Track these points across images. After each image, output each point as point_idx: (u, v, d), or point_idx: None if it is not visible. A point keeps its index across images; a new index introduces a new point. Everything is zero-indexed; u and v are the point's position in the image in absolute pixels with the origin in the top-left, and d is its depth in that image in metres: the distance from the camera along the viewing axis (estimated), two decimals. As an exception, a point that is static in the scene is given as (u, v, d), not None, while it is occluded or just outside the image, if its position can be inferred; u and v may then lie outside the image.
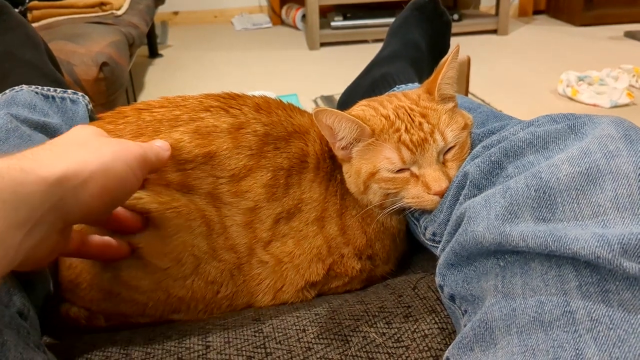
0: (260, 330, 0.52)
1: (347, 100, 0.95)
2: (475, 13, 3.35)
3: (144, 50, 2.84)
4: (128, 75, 1.72)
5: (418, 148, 0.54)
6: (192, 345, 0.50)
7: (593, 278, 0.36)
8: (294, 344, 0.50)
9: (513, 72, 2.46)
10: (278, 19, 3.59)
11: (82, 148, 0.42)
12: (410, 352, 0.48)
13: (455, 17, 3.05)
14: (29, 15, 1.82)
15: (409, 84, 0.85)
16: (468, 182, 0.51)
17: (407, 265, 0.67)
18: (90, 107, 0.90)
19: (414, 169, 0.55)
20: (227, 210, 0.56)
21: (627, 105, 1.97)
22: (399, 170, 0.55)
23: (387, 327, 0.51)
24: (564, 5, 3.36)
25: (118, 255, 0.52)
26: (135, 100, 2.03)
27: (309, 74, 2.55)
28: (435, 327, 0.50)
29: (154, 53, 2.89)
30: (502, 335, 0.38)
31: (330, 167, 0.61)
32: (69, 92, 0.86)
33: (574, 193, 0.40)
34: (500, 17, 3.07)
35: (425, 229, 0.57)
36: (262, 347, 0.50)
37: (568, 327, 0.35)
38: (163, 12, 3.40)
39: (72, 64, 1.39)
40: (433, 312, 0.52)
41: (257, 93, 0.66)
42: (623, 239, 0.34)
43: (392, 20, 1.09)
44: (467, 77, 1.54)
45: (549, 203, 0.41)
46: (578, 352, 0.33)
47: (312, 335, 0.51)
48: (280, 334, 0.51)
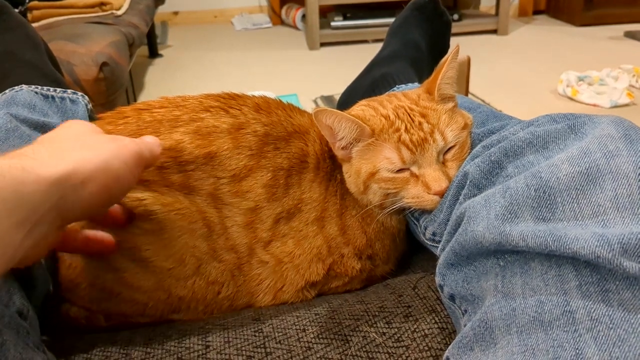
0: (260, 330, 0.52)
1: (347, 100, 0.95)
2: (475, 13, 3.35)
3: (144, 50, 2.83)
4: (128, 75, 1.72)
5: (418, 148, 0.54)
6: (192, 345, 0.50)
7: (593, 278, 0.36)
8: (294, 344, 0.50)
9: (513, 72, 2.46)
10: (278, 19, 3.59)
11: (80, 146, 0.42)
12: (411, 351, 0.48)
13: (455, 17, 3.05)
14: (29, 15, 1.82)
15: (409, 84, 0.85)
16: (468, 181, 0.51)
17: (407, 265, 0.67)
18: (90, 107, 0.90)
19: (414, 169, 0.55)
20: (227, 211, 0.56)
21: (627, 105, 1.96)
22: (399, 170, 0.55)
23: (387, 326, 0.51)
24: (564, 5, 3.36)
25: (107, 250, 0.52)
26: (135, 100, 2.03)
27: (309, 74, 2.54)
28: (435, 326, 0.50)
29: (154, 53, 2.89)
30: (502, 335, 0.38)
31: (330, 167, 0.61)
32: (69, 92, 0.86)
33: (574, 193, 0.40)
34: (500, 17, 3.07)
35: (425, 229, 0.57)
36: (262, 346, 0.50)
37: (568, 326, 0.35)
38: (163, 12, 3.40)
39: (72, 64, 1.39)
40: (433, 311, 0.52)
41: (257, 93, 0.66)
42: (623, 239, 0.35)
43: (392, 20, 1.09)
44: (467, 77, 1.54)
45: (549, 203, 0.41)
46: (578, 351, 0.33)
47: (312, 335, 0.51)
48: (280, 334, 0.51)
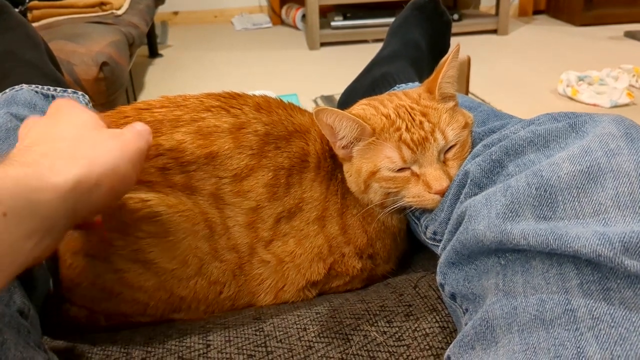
0: (261, 329, 0.52)
1: (347, 100, 0.95)
2: (475, 13, 3.35)
3: (144, 50, 2.83)
4: (128, 75, 1.72)
5: (419, 147, 0.54)
6: (192, 344, 0.50)
7: (594, 276, 0.36)
8: (295, 343, 0.50)
9: (513, 72, 2.46)
10: (278, 19, 3.59)
11: (88, 146, 0.41)
12: (411, 350, 0.48)
13: (455, 17, 3.05)
14: (29, 15, 1.82)
15: (409, 84, 0.85)
16: (469, 180, 0.51)
17: (407, 264, 0.67)
18: (90, 106, 0.90)
19: (415, 168, 0.55)
20: (229, 211, 0.56)
21: (627, 105, 1.96)
22: (400, 169, 0.55)
23: (388, 325, 0.51)
24: (564, 5, 3.36)
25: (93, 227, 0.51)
26: (135, 100, 2.03)
27: (309, 74, 2.54)
28: (436, 325, 0.50)
29: (154, 53, 2.89)
30: (503, 334, 0.38)
31: (331, 166, 0.61)
32: (69, 91, 0.86)
33: (575, 191, 0.40)
34: (500, 17, 3.06)
35: (426, 228, 0.57)
36: (262, 345, 0.50)
37: (569, 325, 0.35)
38: (163, 12, 3.40)
39: (72, 64, 1.39)
40: (434, 310, 0.52)
41: (257, 93, 0.66)
42: (624, 237, 0.34)
43: (392, 20, 1.09)
44: (467, 77, 1.54)
45: (550, 201, 0.41)
46: (579, 350, 0.33)
47: (313, 334, 0.51)
48: (281, 333, 0.51)
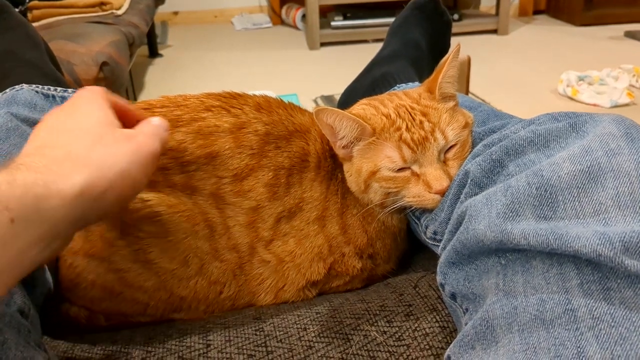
0: (261, 329, 0.52)
1: (347, 100, 0.95)
2: (475, 13, 3.35)
3: (144, 50, 2.83)
4: (128, 75, 1.72)
5: (419, 147, 0.54)
6: (192, 344, 0.50)
7: (594, 276, 0.36)
8: (295, 343, 0.50)
9: (513, 72, 2.46)
10: (278, 19, 3.59)
11: (98, 149, 0.40)
12: (411, 350, 0.48)
13: (456, 17, 3.05)
14: (29, 15, 1.82)
15: (410, 83, 0.85)
16: (469, 180, 0.51)
17: (408, 264, 0.67)
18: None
19: (415, 168, 0.55)
20: (230, 211, 0.56)
21: (627, 105, 1.96)
22: (400, 169, 0.55)
23: (388, 325, 0.51)
24: (564, 5, 3.36)
25: None
26: (135, 100, 2.03)
27: (309, 74, 2.54)
28: (437, 325, 0.50)
29: (154, 53, 2.89)
30: (503, 334, 0.38)
31: (331, 166, 0.61)
32: (69, 91, 0.86)
33: (575, 191, 0.40)
34: (501, 17, 3.06)
35: (426, 228, 0.57)
36: (263, 345, 0.50)
37: (569, 325, 0.35)
38: (163, 12, 3.40)
39: (72, 64, 1.39)
40: (434, 310, 0.52)
41: (257, 92, 0.66)
42: (624, 237, 0.34)
43: (392, 20, 1.09)
44: (467, 77, 1.54)
45: (550, 201, 0.41)
46: (579, 349, 0.33)
47: (313, 334, 0.51)
48: (281, 333, 0.51)
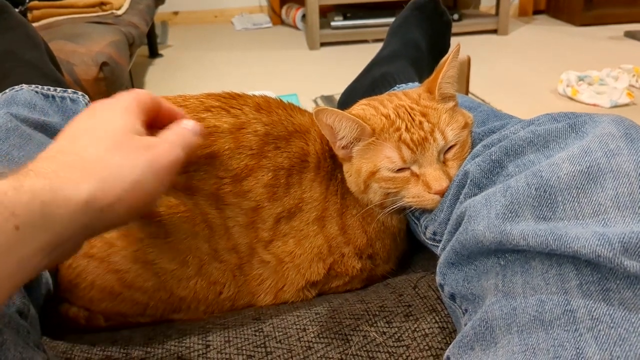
0: (261, 330, 0.52)
1: (347, 100, 0.95)
2: (475, 13, 3.35)
3: (144, 50, 2.83)
4: (128, 75, 1.72)
5: (418, 147, 0.54)
6: (192, 345, 0.50)
7: (594, 277, 0.36)
8: (294, 343, 0.50)
9: (513, 72, 2.46)
10: (278, 19, 3.59)
11: (113, 158, 0.38)
12: (411, 351, 0.48)
13: (455, 17, 3.04)
14: (29, 15, 1.82)
15: (409, 84, 0.85)
16: (468, 181, 0.51)
17: (407, 265, 0.67)
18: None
19: (415, 168, 0.55)
20: (229, 211, 0.56)
21: (627, 105, 1.96)
22: (400, 170, 0.55)
23: (387, 326, 0.51)
24: (564, 5, 3.36)
25: None
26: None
27: (309, 74, 2.54)
28: (436, 326, 0.50)
29: (154, 53, 2.89)
30: (502, 334, 0.38)
31: (331, 166, 0.61)
32: (69, 91, 0.86)
33: (575, 192, 0.40)
34: (500, 17, 3.06)
35: (426, 228, 0.57)
36: (262, 346, 0.50)
37: (569, 326, 0.35)
38: (163, 12, 3.40)
39: (72, 64, 1.39)
40: (433, 311, 0.52)
41: (257, 93, 0.66)
42: (624, 238, 0.34)
43: (392, 20, 1.08)
44: (467, 77, 1.54)
45: (550, 202, 0.41)
46: (579, 351, 0.33)
47: (312, 335, 0.51)
48: (281, 333, 0.51)
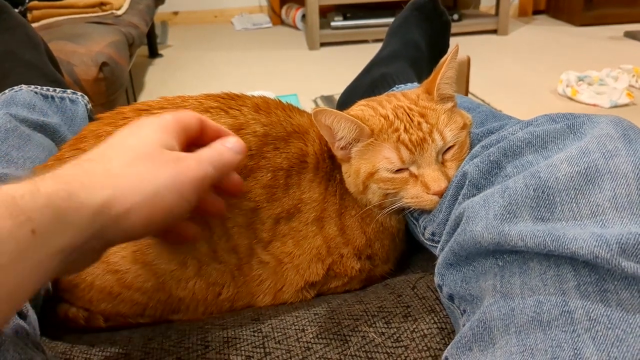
0: (259, 330, 0.52)
1: (346, 100, 0.95)
2: (475, 13, 3.35)
3: (144, 50, 2.83)
4: (128, 75, 1.72)
5: (417, 148, 0.54)
6: (191, 345, 0.50)
7: (591, 278, 0.36)
8: (293, 344, 0.50)
9: (513, 72, 2.46)
10: (278, 19, 3.59)
11: (135, 168, 0.38)
12: (410, 351, 0.48)
13: (455, 17, 3.05)
14: (29, 15, 1.83)
15: (409, 84, 0.85)
16: (467, 181, 0.51)
17: (406, 265, 0.67)
18: (90, 107, 0.91)
19: (413, 169, 0.55)
20: (228, 212, 0.56)
21: (626, 105, 1.97)
22: (398, 170, 0.55)
23: (386, 326, 0.51)
24: (564, 5, 3.36)
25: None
26: (135, 100, 2.03)
27: (309, 74, 2.54)
28: (434, 326, 0.50)
29: (154, 53, 2.89)
30: (500, 335, 0.38)
31: (330, 167, 0.61)
32: (69, 91, 0.86)
33: (573, 193, 0.40)
34: (500, 17, 3.07)
35: (425, 229, 0.57)
36: (261, 346, 0.50)
37: (566, 326, 0.35)
38: (163, 12, 3.40)
39: (72, 64, 1.39)
40: (432, 311, 0.52)
41: (256, 93, 0.66)
42: (621, 239, 0.35)
43: (392, 20, 1.09)
44: (466, 77, 1.54)
45: (548, 203, 0.41)
46: (576, 351, 0.33)
47: (311, 335, 0.51)
48: (279, 334, 0.51)
